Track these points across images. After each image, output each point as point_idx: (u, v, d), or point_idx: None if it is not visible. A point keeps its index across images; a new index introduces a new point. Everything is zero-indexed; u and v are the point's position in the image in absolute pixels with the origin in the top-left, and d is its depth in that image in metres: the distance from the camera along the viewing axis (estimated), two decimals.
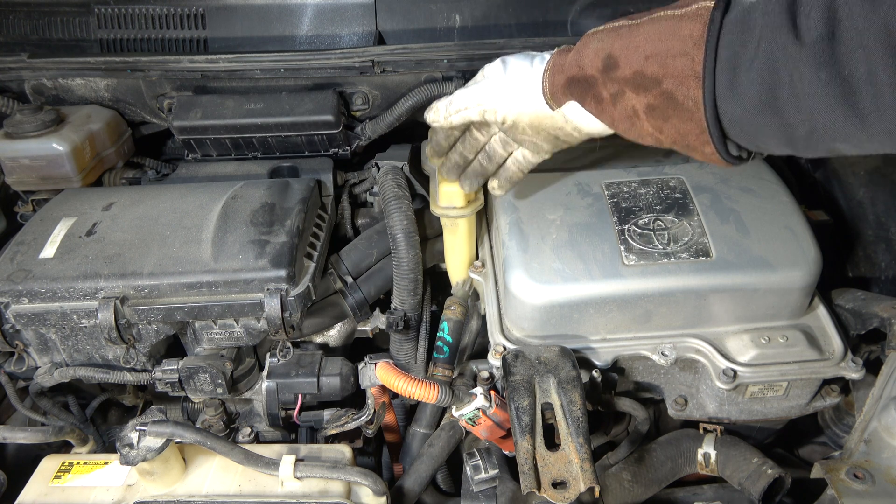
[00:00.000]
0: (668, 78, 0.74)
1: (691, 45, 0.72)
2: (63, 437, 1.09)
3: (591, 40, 0.84)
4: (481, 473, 1.06)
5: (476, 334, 1.28)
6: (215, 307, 1.07)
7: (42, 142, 1.34)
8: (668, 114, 0.76)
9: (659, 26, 0.75)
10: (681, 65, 0.73)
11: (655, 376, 1.14)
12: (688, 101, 0.74)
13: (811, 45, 0.63)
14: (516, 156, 1.03)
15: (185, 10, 1.53)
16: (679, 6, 0.76)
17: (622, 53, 0.78)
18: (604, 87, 0.82)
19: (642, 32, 0.77)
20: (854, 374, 1.05)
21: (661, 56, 0.74)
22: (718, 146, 0.76)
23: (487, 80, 0.96)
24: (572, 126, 0.90)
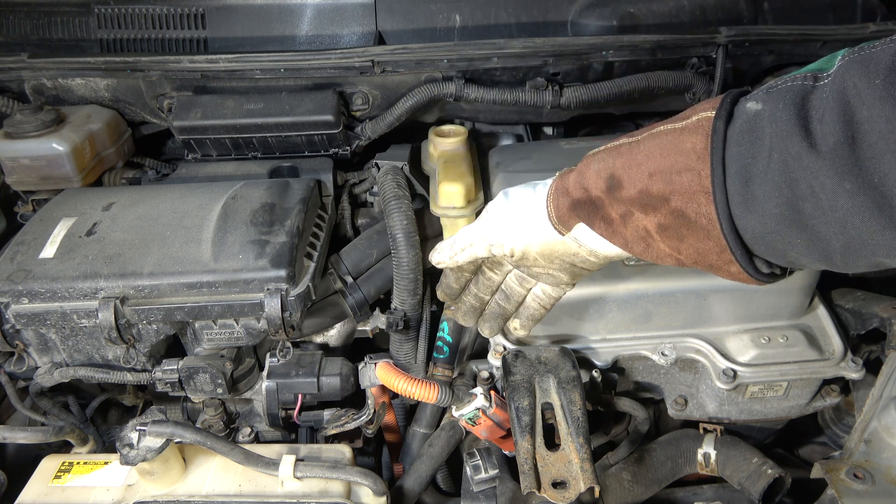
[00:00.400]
0: (675, 195, 0.69)
1: (695, 160, 0.67)
2: (63, 437, 1.09)
3: (592, 161, 0.79)
4: (481, 473, 1.06)
5: (476, 334, 1.28)
6: (215, 307, 1.07)
7: (42, 142, 1.34)
8: (682, 233, 0.71)
9: (660, 141, 0.71)
10: (687, 180, 0.68)
11: (655, 376, 1.14)
12: (700, 218, 0.68)
13: (829, 152, 0.57)
14: (535, 292, 0.95)
15: (185, 10, 1.52)
16: (679, 119, 0.71)
17: (624, 173, 0.74)
18: (611, 208, 0.76)
19: (643, 149, 0.73)
20: (854, 374, 1.05)
21: (665, 173, 0.69)
22: (744, 264, 0.68)
23: (490, 214, 0.89)
24: (587, 251, 0.82)
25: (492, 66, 1.41)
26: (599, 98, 1.42)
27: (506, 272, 0.96)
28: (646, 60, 1.44)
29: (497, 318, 0.98)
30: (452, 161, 1.30)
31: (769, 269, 0.71)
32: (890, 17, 1.58)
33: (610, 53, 1.41)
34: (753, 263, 0.69)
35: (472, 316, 1.00)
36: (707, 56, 1.45)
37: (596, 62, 1.43)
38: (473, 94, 1.40)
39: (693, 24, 1.51)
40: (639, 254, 0.78)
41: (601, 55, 1.41)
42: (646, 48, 1.42)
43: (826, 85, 0.60)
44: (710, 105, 0.68)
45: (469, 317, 1.00)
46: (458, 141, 1.36)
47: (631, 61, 1.44)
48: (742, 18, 1.53)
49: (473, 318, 1.01)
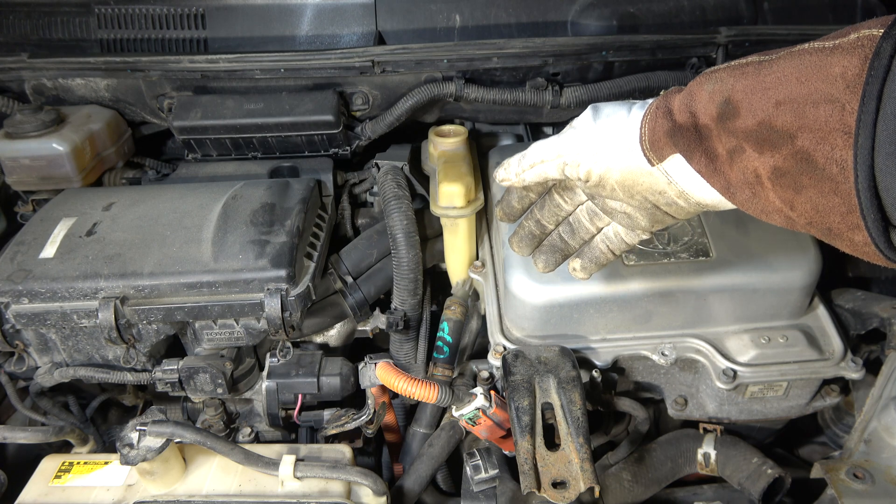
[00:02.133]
0: (804, 132, 0.55)
1: (842, 88, 0.52)
2: (63, 437, 1.09)
3: (707, 80, 0.65)
4: (481, 473, 1.06)
5: (476, 334, 1.28)
6: (215, 307, 1.07)
7: (42, 142, 1.34)
8: (802, 182, 0.57)
9: (799, 62, 0.56)
10: (824, 114, 0.53)
11: (655, 376, 1.14)
12: (831, 165, 0.54)
13: None
14: (606, 232, 0.83)
15: (185, 10, 1.53)
16: (833, 37, 0.55)
17: (744, 97, 0.60)
18: (718, 141, 0.63)
19: (775, 70, 0.58)
20: (854, 374, 1.05)
21: (797, 102, 0.55)
22: (875, 234, 0.53)
23: (573, 130, 0.76)
24: (677, 190, 0.69)
25: (492, 66, 1.41)
26: (599, 98, 1.42)
27: (577, 202, 0.83)
28: (646, 60, 1.44)
29: (556, 252, 0.87)
30: (452, 161, 1.30)
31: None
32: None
33: (610, 53, 1.41)
34: (888, 235, 0.53)
35: (529, 244, 0.88)
36: (707, 56, 1.45)
37: (596, 62, 1.43)
38: (473, 94, 1.40)
39: (693, 24, 1.51)
40: (741, 203, 0.65)
41: (601, 55, 1.41)
42: (646, 48, 1.42)
43: None
44: (878, 22, 0.52)
45: (525, 244, 0.88)
46: (458, 141, 1.36)
47: (631, 61, 1.44)
48: (742, 18, 1.53)
49: (530, 247, 0.88)
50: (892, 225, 0.53)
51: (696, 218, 1.10)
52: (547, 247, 0.87)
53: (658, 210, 0.74)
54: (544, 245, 0.88)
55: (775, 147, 0.58)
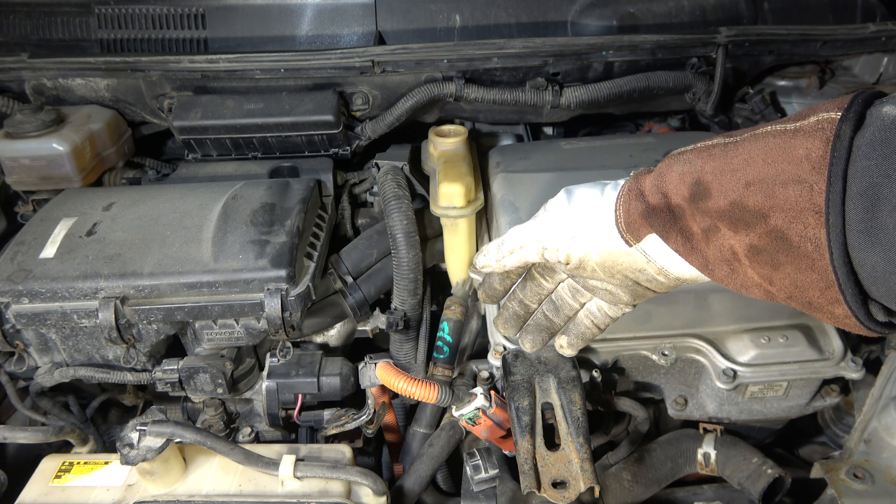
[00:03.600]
0: (776, 212, 0.56)
1: (808, 170, 0.54)
2: (63, 436, 1.09)
3: (676, 162, 0.67)
4: (481, 473, 1.06)
5: (476, 334, 1.28)
6: (215, 307, 1.07)
7: (42, 142, 1.34)
8: (778, 259, 0.58)
9: (764, 144, 0.58)
10: (794, 195, 0.55)
11: (655, 376, 1.14)
12: (805, 243, 0.55)
13: None
14: (590, 308, 0.84)
15: (185, 10, 1.53)
16: (793, 119, 0.58)
17: (714, 178, 0.61)
18: (693, 220, 0.65)
19: (742, 152, 0.60)
20: (854, 374, 1.05)
21: (766, 183, 0.57)
22: (855, 307, 0.55)
23: (548, 214, 0.78)
24: (656, 268, 0.71)
25: (492, 66, 1.41)
26: (599, 98, 1.42)
27: (558, 280, 0.85)
28: (646, 60, 1.44)
29: (542, 330, 0.88)
30: (452, 161, 1.30)
31: (886, 318, 0.56)
32: (889, 17, 1.59)
33: (610, 53, 1.41)
34: (867, 308, 0.55)
35: (515, 325, 0.89)
36: (707, 56, 1.45)
37: (596, 62, 1.43)
38: (473, 94, 1.40)
39: (693, 24, 1.51)
40: (720, 279, 0.66)
41: (601, 55, 1.41)
42: (646, 48, 1.42)
43: None
44: (834, 105, 0.55)
45: (511, 325, 0.89)
46: (458, 141, 1.36)
47: (631, 61, 1.44)
48: (742, 18, 1.53)
49: (515, 328, 0.90)
50: (871, 298, 0.55)
51: None
52: (532, 326, 0.89)
53: (639, 286, 0.75)
54: (530, 325, 0.89)
55: (749, 226, 0.59)
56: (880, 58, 1.57)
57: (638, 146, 1.36)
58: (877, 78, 1.59)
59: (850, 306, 0.55)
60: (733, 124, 1.62)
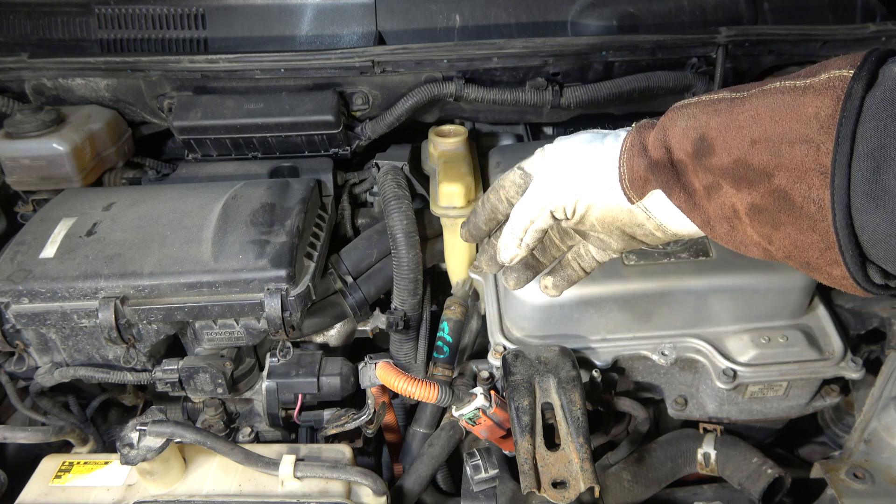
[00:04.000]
0: (780, 171, 0.56)
1: (816, 129, 0.53)
2: (63, 436, 1.09)
3: (679, 116, 0.65)
4: (481, 473, 1.06)
5: (476, 334, 1.28)
6: (215, 307, 1.07)
7: (42, 142, 1.34)
8: (779, 219, 0.58)
9: (772, 101, 0.57)
10: (800, 154, 0.54)
11: (655, 376, 1.14)
12: (808, 203, 0.55)
13: None
14: (578, 250, 0.84)
15: (185, 10, 1.53)
16: (803, 75, 0.56)
17: (718, 135, 0.61)
18: (695, 177, 0.64)
19: (748, 108, 0.59)
20: (854, 374, 1.05)
21: (772, 141, 0.56)
22: (853, 269, 0.55)
23: (547, 174, 0.76)
24: (655, 224, 0.70)
25: (492, 66, 1.41)
26: (599, 98, 1.42)
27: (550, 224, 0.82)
28: (646, 60, 1.44)
29: (528, 269, 0.86)
30: (452, 161, 1.30)
31: (883, 280, 0.56)
32: (889, 17, 1.58)
33: (610, 53, 1.41)
34: (865, 270, 0.55)
35: (496, 263, 0.86)
36: (707, 56, 1.45)
37: (596, 62, 1.43)
38: (473, 94, 1.40)
39: (693, 24, 1.51)
40: (720, 237, 0.66)
41: (601, 55, 1.41)
42: (646, 48, 1.42)
43: None
44: (846, 62, 0.53)
45: (494, 263, 0.86)
46: (458, 141, 1.36)
47: (631, 61, 1.44)
48: (742, 18, 1.53)
49: (497, 266, 0.86)
50: (870, 260, 0.55)
51: None
52: (518, 265, 0.86)
53: (634, 240, 0.75)
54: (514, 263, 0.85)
55: (752, 185, 0.59)
56: None
57: None
58: None
59: (848, 268, 0.55)
60: None
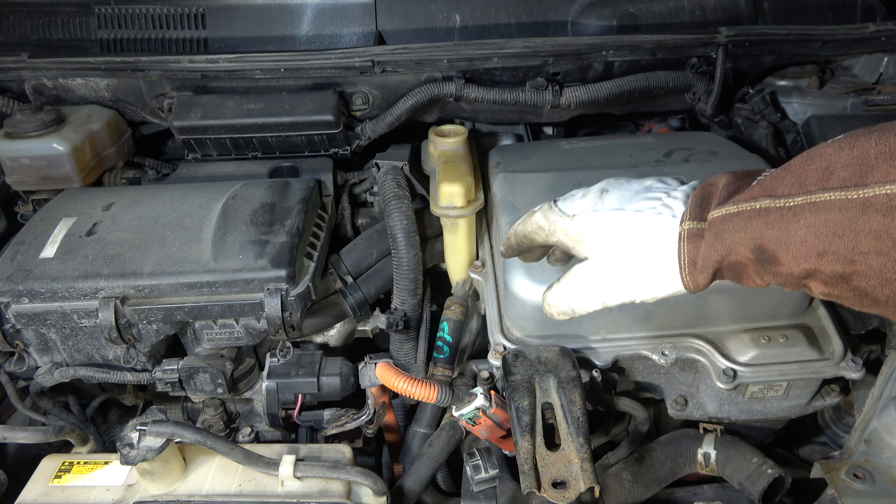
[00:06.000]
0: (858, 277, 0.58)
1: (890, 246, 0.55)
2: (63, 436, 1.09)
3: (727, 227, 0.66)
4: (481, 473, 1.06)
5: (476, 334, 1.28)
6: (215, 307, 1.07)
7: (42, 142, 1.34)
8: (864, 303, 0.61)
9: (828, 218, 0.58)
10: (878, 264, 0.56)
11: (655, 376, 1.14)
12: (891, 300, 0.58)
13: None
14: None
15: (185, 10, 1.53)
16: (852, 184, 0.57)
17: (779, 248, 0.62)
18: (758, 276, 0.67)
19: (804, 224, 0.60)
20: (854, 373, 1.05)
21: (843, 255, 0.58)
22: None
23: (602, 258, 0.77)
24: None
25: (492, 66, 1.41)
26: (599, 98, 1.42)
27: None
28: (646, 60, 1.44)
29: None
30: (452, 161, 1.30)
31: None
32: (889, 17, 1.59)
33: (610, 53, 1.41)
34: None
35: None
36: (707, 56, 1.45)
37: (596, 62, 1.43)
38: (473, 94, 1.40)
39: (693, 24, 1.51)
40: None
41: (601, 55, 1.41)
42: (646, 48, 1.42)
43: None
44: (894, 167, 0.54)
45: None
46: (458, 141, 1.36)
47: (631, 61, 1.44)
48: (742, 18, 1.53)
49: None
50: None
51: None
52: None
53: None
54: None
55: (828, 284, 0.61)
56: (880, 58, 1.57)
57: (638, 146, 1.36)
58: (877, 78, 1.59)
59: None
60: (733, 124, 1.62)
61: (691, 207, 0.72)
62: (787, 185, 0.62)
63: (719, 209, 0.68)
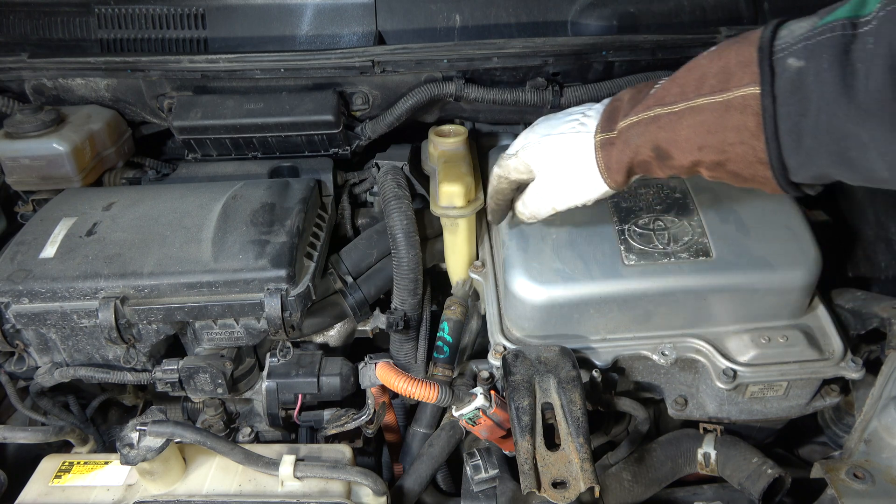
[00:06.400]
0: (731, 162, 0.74)
1: (748, 136, 0.71)
2: (63, 436, 1.09)
3: (631, 134, 0.82)
4: (481, 473, 1.06)
5: (476, 334, 1.28)
6: (215, 307, 1.07)
7: (42, 142, 1.34)
8: (738, 180, 0.78)
9: (703, 118, 0.73)
10: (742, 152, 0.72)
11: (655, 376, 1.14)
12: (757, 177, 0.75)
13: (878, 109, 0.60)
14: None
15: (185, 10, 1.53)
16: (718, 90, 0.72)
17: (671, 146, 0.78)
18: (660, 170, 0.83)
19: (686, 125, 0.75)
20: (854, 374, 1.05)
21: (716, 146, 0.74)
22: (789, 190, 0.76)
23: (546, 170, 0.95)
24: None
25: (492, 66, 1.41)
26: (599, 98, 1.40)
27: None
28: (646, 60, 1.44)
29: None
30: (452, 161, 1.30)
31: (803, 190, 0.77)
32: None
33: (610, 53, 1.41)
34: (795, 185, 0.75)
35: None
36: None
37: (596, 62, 1.43)
38: (473, 94, 1.40)
39: (693, 24, 1.51)
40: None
41: (601, 55, 1.41)
42: (646, 48, 1.42)
43: (869, 34, 0.60)
44: (749, 71, 0.68)
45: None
46: (458, 141, 1.36)
47: (631, 61, 1.44)
48: (742, 18, 1.53)
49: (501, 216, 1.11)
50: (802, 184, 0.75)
51: (697, 218, 1.10)
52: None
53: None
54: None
55: (711, 169, 0.78)
56: None
57: None
58: None
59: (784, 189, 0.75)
60: None
61: (602, 122, 0.88)
62: (673, 94, 0.77)
63: (624, 120, 0.83)
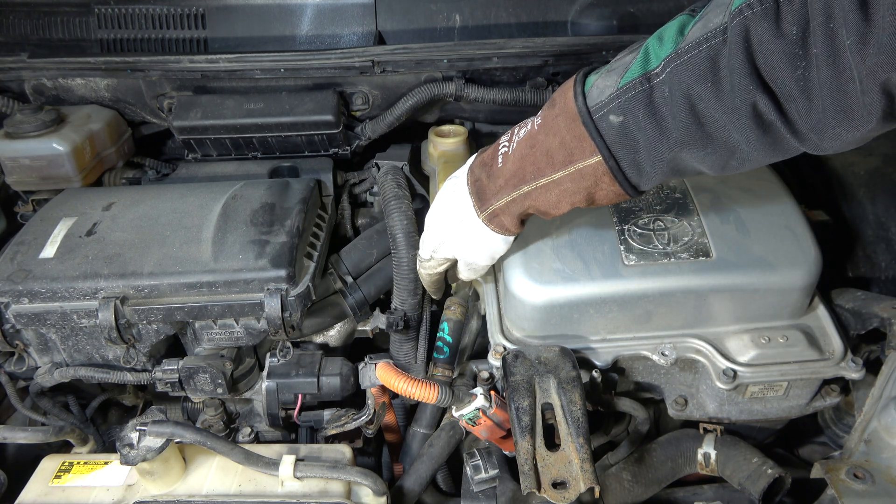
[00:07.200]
0: (598, 200, 0.90)
1: (606, 184, 0.87)
2: (63, 436, 1.09)
3: (510, 207, 0.94)
4: (481, 473, 1.06)
5: (476, 334, 1.28)
6: (215, 307, 1.07)
7: (42, 142, 1.34)
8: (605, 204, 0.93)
9: (565, 186, 0.88)
10: (605, 192, 0.88)
11: (655, 376, 1.14)
12: (618, 199, 0.91)
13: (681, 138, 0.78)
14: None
15: (185, 10, 1.53)
16: (568, 162, 0.86)
17: (548, 207, 0.92)
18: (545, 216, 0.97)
19: (553, 193, 0.90)
20: (854, 374, 1.05)
21: (584, 197, 0.89)
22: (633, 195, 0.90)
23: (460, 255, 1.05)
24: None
25: (492, 66, 1.41)
26: None
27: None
28: None
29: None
30: (452, 161, 1.30)
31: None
32: None
33: (610, 53, 1.41)
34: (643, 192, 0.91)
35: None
36: None
37: (596, 62, 1.43)
38: (473, 94, 1.40)
39: None
40: None
41: (601, 55, 1.41)
42: None
43: (662, 83, 0.79)
44: (586, 145, 0.84)
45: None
46: (458, 141, 1.36)
47: None
48: None
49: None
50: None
51: (697, 218, 1.10)
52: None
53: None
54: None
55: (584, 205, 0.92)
56: None
57: None
58: None
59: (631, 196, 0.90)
60: None
61: (475, 203, 0.97)
62: (531, 172, 0.90)
63: (497, 200, 0.94)
